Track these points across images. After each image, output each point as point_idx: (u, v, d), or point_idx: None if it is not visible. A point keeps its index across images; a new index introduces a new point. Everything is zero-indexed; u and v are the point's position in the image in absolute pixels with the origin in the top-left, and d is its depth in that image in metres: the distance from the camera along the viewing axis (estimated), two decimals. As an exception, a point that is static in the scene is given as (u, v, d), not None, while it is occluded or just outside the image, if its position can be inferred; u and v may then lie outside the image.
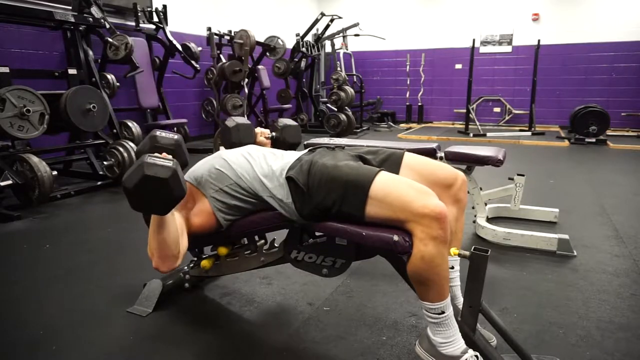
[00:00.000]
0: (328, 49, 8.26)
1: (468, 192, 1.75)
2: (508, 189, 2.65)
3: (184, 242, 1.32)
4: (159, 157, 1.15)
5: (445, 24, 8.52)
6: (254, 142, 1.77)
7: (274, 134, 1.87)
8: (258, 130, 1.84)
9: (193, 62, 5.38)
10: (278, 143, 1.86)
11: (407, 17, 8.80)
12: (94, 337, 1.51)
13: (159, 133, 1.38)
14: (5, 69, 3.10)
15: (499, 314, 1.61)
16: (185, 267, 1.80)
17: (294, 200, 1.30)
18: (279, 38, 6.54)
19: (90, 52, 3.97)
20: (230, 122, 1.71)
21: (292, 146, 1.89)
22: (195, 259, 1.78)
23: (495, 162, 2.19)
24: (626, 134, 6.94)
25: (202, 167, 1.45)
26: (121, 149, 3.54)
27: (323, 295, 1.80)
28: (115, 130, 3.89)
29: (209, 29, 5.32)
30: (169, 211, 1.21)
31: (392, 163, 1.40)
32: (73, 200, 3.30)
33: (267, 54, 6.58)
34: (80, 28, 3.92)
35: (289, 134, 1.88)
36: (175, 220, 1.30)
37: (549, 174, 4.15)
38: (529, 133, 6.89)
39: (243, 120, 1.74)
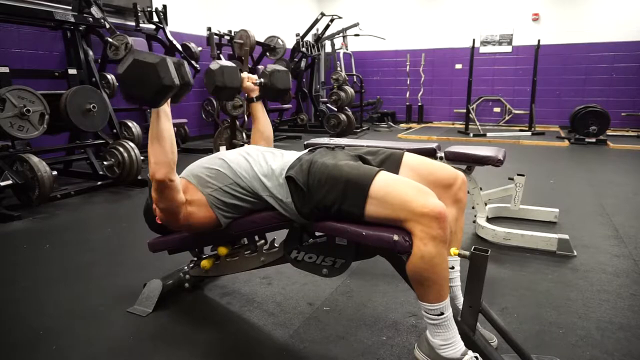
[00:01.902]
0: (328, 49, 8.27)
1: (468, 192, 1.75)
2: (508, 189, 2.65)
3: (177, 177, 1.31)
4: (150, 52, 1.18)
5: (445, 24, 8.52)
6: (240, 87, 1.70)
7: (262, 80, 1.77)
8: (245, 75, 1.76)
9: (193, 62, 5.38)
10: (266, 89, 1.78)
11: (407, 17, 8.80)
12: (94, 337, 1.51)
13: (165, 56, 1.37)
14: (5, 69, 3.10)
15: (499, 314, 1.61)
16: (185, 267, 1.80)
17: (293, 200, 1.30)
18: (279, 38, 6.54)
19: (90, 52, 3.97)
20: (214, 64, 1.60)
21: (281, 92, 1.80)
22: (195, 259, 1.78)
23: (495, 162, 2.19)
24: (626, 134, 6.94)
25: (200, 166, 1.45)
26: (121, 149, 3.54)
27: (323, 295, 1.80)
28: (115, 130, 3.89)
29: (209, 29, 5.32)
30: (161, 102, 1.21)
31: (391, 163, 1.41)
32: (73, 200, 3.30)
33: (267, 54, 6.58)
34: (80, 28, 3.92)
35: (278, 80, 1.78)
36: (171, 127, 1.28)
37: (549, 174, 4.15)
38: (529, 133, 6.89)
39: (228, 62, 1.64)
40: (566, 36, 7.72)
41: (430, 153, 2.23)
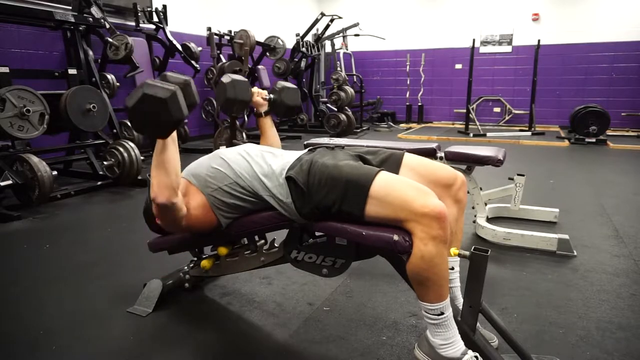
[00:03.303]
0: (328, 49, 8.26)
1: (468, 192, 1.75)
2: (508, 189, 2.65)
3: (180, 196, 1.30)
4: (161, 82, 1.16)
5: (445, 24, 8.52)
6: (250, 101, 1.72)
7: (271, 95, 1.79)
8: (255, 89, 1.78)
9: (193, 62, 5.38)
10: (275, 105, 1.79)
11: (407, 17, 8.80)
12: (94, 337, 1.51)
13: (169, 73, 1.38)
14: (5, 69, 3.10)
15: (499, 314, 1.61)
16: (185, 267, 1.80)
17: (293, 200, 1.30)
18: (279, 38, 6.54)
19: (90, 52, 3.97)
20: (226, 78, 1.63)
21: (290, 110, 1.81)
22: (195, 259, 1.78)
23: (495, 162, 2.19)
24: (626, 134, 6.94)
25: (200, 165, 1.44)
26: (121, 149, 3.54)
27: (323, 295, 1.80)
28: (115, 130, 3.89)
29: (209, 29, 5.32)
30: (169, 134, 1.21)
31: (392, 163, 1.40)
32: (73, 200, 3.30)
33: (267, 54, 6.58)
34: (80, 28, 3.92)
35: (287, 97, 1.79)
36: (177, 151, 1.28)
37: (549, 174, 4.15)
38: (529, 133, 6.89)
39: (239, 76, 1.66)
40: (566, 36, 7.73)
41: (430, 153, 2.23)
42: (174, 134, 1.25)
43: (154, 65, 5.37)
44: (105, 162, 3.54)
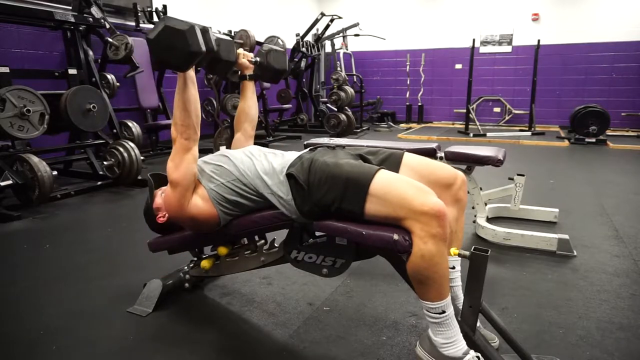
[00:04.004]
0: (328, 49, 8.27)
1: (468, 192, 1.75)
2: (508, 189, 2.65)
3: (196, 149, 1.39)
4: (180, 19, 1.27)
5: (445, 24, 8.52)
6: (235, 62, 1.69)
7: (257, 58, 1.77)
8: (241, 51, 1.75)
9: (193, 62, 5.37)
10: (262, 69, 1.77)
11: (407, 17, 8.80)
12: (94, 337, 1.51)
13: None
14: (5, 69, 3.10)
15: (499, 314, 1.61)
16: (185, 267, 1.80)
17: (294, 197, 1.31)
18: (279, 38, 6.54)
19: (90, 52, 3.96)
20: (199, 26, 1.62)
21: (277, 73, 1.79)
22: (195, 259, 1.78)
23: (495, 162, 2.19)
24: (626, 134, 6.94)
25: (204, 162, 1.47)
26: (121, 149, 3.54)
27: (323, 295, 1.80)
28: (115, 130, 3.89)
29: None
30: (189, 67, 1.32)
31: (391, 163, 1.41)
32: (73, 200, 3.30)
33: (267, 54, 6.57)
34: (80, 28, 3.92)
35: (275, 60, 1.76)
36: (196, 90, 1.39)
37: (549, 174, 4.15)
38: (529, 133, 6.89)
39: (225, 36, 1.69)
40: (566, 36, 7.72)
41: (430, 153, 2.23)
42: (193, 75, 1.37)
43: (153, 65, 5.37)
44: (105, 162, 3.54)
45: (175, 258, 1.80)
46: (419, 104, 8.76)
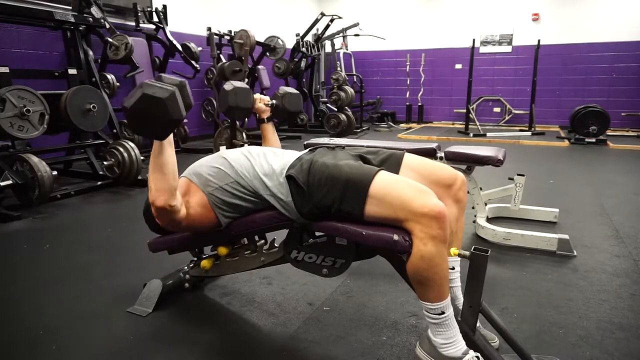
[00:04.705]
0: (328, 49, 8.26)
1: (468, 192, 1.75)
2: (508, 189, 2.65)
3: (178, 197, 1.30)
4: (159, 82, 1.17)
5: (445, 24, 8.52)
6: (252, 108, 1.74)
7: (273, 101, 1.81)
8: (257, 96, 1.80)
9: (193, 62, 5.38)
10: (277, 111, 1.81)
11: (407, 17, 8.80)
12: (94, 337, 1.51)
13: (164, 75, 1.39)
14: (5, 69, 3.10)
15: (499, 314, 1.61)
16: (185, 267, 1.80)
17: (293, 199, 1.30)
18: (279, 38, 6.54)
19: (90, 52, 3.96)
20: (228, 85, 1.66)
21: (292, 115, 1.84)
22: (195, 259, 1.78)
23: (495, 162, 2.19)
24: (626, 134, 6.94)
25: (202, 165, 1.45)
26: (121, 149, 3.54)
27: (323, 295, 1.80)
28: (115, 130, 3.89)
29: (209, 29, 5.32)
30: (167, 135, 1.21)
31: (392, 163, 1.41)
32: (73, 200, 3.30)
33: (267, 54, 6.58)
34: (80, 28, 3.92)
35: (290, 102, 1.81)
36: (174, 154, 1.28)
37: (549, 174, 4.15)
38: (529, 133, 6.89)
39: (241, 84, 1.69)
40: (566, 36, 7.72)
41: (430, 153, 2.23)
42: (171, 136, 1.25)
43: (154, 65, 5.37)
44: (105, 162, 3.54)
45: (175, 258, 1.80)
46: (419, 104, 8.76)
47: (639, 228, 2.60)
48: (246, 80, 5.37)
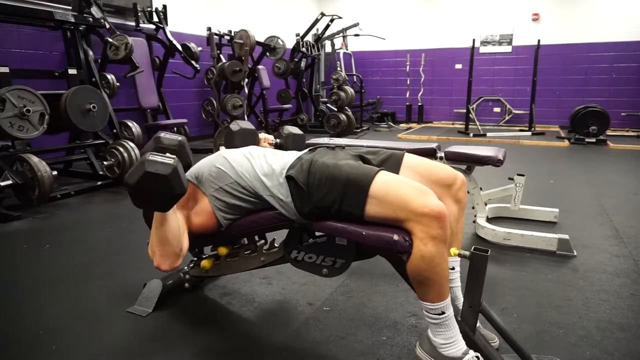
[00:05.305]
0: (328, 49, 8.27)
1: (468, 192, 1.75)
2: (508, 189, 2.65)
3: (185, 241, 1.33)
4: (160, 155, 1.17)
5: (445, 24, 8.52)
6: (258, 145, 1.78)
7: (278, 140, 1.86)
8: (262, 136, 1.84)
9: (193, 62, 5.38)
10: (281, 149, 1.85)
11: (407, 17, 8.80)
12: (94, 337, 1.51)
13: (163, 135, 1.39)
14: (5, 69, 3.10)
15: (499, 314, 1.61)
16: (185, 267, 1.80)
17: (293, 199, 1.30)
18: (279, 38, 6.54)
19: (90, 52, 3.96)
20: (235, 126, 1.72)
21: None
22: (195, 259, 1.78)
23: (495, 162, 2.19)
24: (626, 134, 6.94)
25: (202, 165, 1.45)
26: (121, 149, 3.54)
27: (323, 295, 1.80)
28: (115, 130, 3.89)
29: (209, 29, 5.32)
30: (170, 208, 1.22)
31: (392, 163, 1.41)
32: (73, 200, 3.30)
33: (267, 54, 6.58)
34: (80, 28, 3.92)
35: (294, 143, 1.86)
36: (177, 218, 1.30)
37: (549, 174, 4.15)
38: (529, 133, 6.89)
39: (248, 124, 1.74)
40: (566, 36, 7.72)
41: (430, 153, 2.24)
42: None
43: (154, 65, 5.37)
44: (105, 162, 3.54)
45: (175, 258, 1.80)
46: (419, 104, 8.76)
47: (639, 228, 2.60)
48: (246, 80, 5.37)
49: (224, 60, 4.98)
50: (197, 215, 1.38)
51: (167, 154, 1.20)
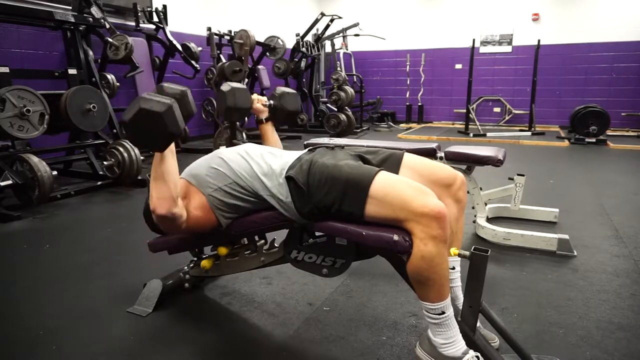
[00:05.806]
0: (328, 49, 8.26)
1: (468, 192, 1.75)
2: (508, 189, 2.65)
3: (180, 204, 1.30)
4: (158, 95, 1.17)
5: (445, 24, 8.52)
6: (250, 108, 1.76)
7: (271, 101, 1.82)
8: (255, 96, 1.81)
9: (193, 62, 5.38)
10: (276, 111, 1.83)
11: (407, 17, 8.80)
12: (94, 337, 1.51)
13: (166, 84, 1.38)
14: (5, 69, 3.10)
15: (499, 314, 1.61)
16: (185, 267, 1.80)
17: (293, 200, 1.30)
18: (279, 38, 6.54)
19: (90, 52, 3.97)
20: (226, 86, 1.67)
21: (290, 114, 1.85)
22: (195, 259, 1.78)
23: (495, 162, 2.19)
24: (626, 134, 6.94)
25: (199, 166, 1.44)
26: (121, 149, 3.54)
27: (323, 295, 1.80)
28: (115, 130, 3.89)
29: (209, 29, 5.32)
30: (166, 147, 1.23)
31: (391, 163, 1.40)
32: (73, 200, 3.30)
33: (267, 54, 6.58)
34: (80, 28, 3.92)
35: (287, 102, 1.83)
36: (175, 163, 1.29)
37: (549, 174, 4.15)
38: (529, 133, 6.89)
39: (239, 84, 1.70)
40: (566, 36, 7.73)
41: (430, 153, 2.23)
42: (172, 145, 1.26)
43: (154, 65, 5.37)
44: (105, 162, 3.54)
45: (175, 258, 1.80)
46: (419, 104, 8.76)
47: (639, 228, 2.60)
48: (246, 80, 5.37)
49: (224, 60, 4.98)
50: (197, 210, 1.37)
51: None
